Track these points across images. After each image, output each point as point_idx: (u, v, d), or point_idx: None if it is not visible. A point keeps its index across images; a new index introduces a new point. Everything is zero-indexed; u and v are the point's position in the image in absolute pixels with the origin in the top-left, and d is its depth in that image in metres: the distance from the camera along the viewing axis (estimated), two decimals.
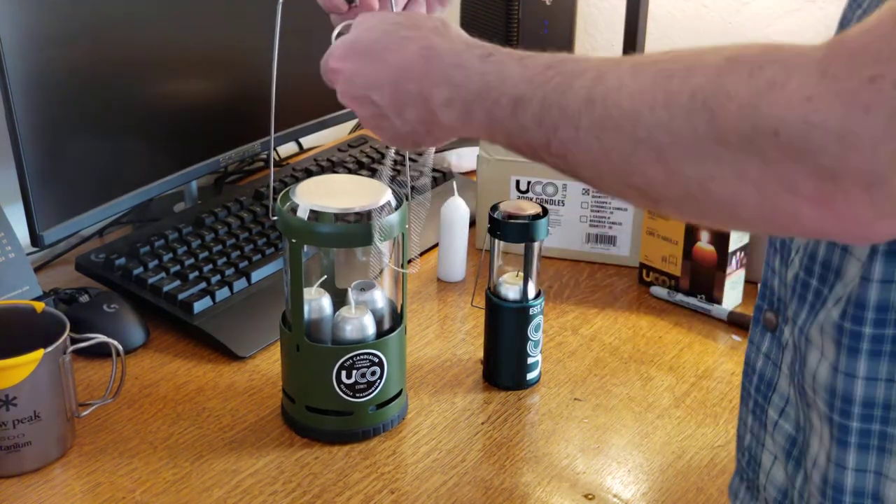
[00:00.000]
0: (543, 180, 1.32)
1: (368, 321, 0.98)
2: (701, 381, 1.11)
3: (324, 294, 0.99)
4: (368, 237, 0.94)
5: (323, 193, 0.97)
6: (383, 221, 0.94)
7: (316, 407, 0.99)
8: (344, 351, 0.96)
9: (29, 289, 1.13)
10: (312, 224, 0.94)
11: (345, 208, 0.94)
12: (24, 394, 0.92)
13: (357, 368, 0.97)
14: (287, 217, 0.94)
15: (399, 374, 1.01)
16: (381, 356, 0.97)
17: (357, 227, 0.94)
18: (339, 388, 0.97)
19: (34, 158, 1.11)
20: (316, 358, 0.97)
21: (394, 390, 1.01)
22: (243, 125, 1.37)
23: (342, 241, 0.97)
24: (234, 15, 1.32)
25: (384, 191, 0.97)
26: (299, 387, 1.00)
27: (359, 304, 0.99)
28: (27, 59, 1.09)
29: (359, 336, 0.97)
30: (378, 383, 0.98)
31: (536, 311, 1.06)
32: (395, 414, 1.01)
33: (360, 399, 0.98)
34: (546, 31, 1.76)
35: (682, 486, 0.96)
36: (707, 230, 1.21)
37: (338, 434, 0.99)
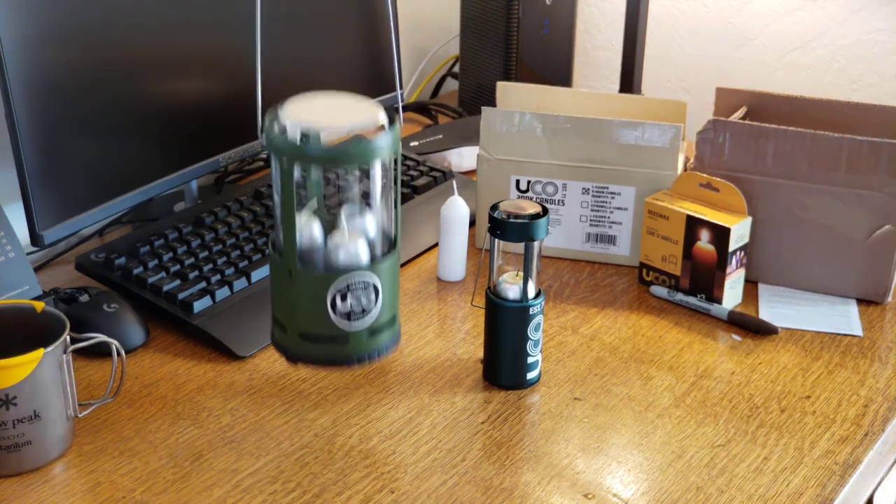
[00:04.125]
0: (543, 180, 1.32)
1: (362, 246, 0.95)
2: (701, 380, 1.11)
3: (314, 220, 0.96)
4: (362, 157, 0.91)
5: (313, 112, 0.93)
6: (377, 142, 0.90)
7: (310, 334, 0.96)
8: (338, 276, 0.93)
9: (29, 288, 1.13)
10: (303, 143, 0.90)
11: (337, 126, 0.91)
12: (24, 393, 0.92)
13: (352, 294, 0.94)
14: (276, 137, 0.91)
15: (393, 300, 0.98)
16: (375, 281, 0.94)
17: (350, 146, 0.90)
18: (333, 315, 0.94)
19: (34, 158, 1.11)
20: (309, 284, 0.93)
21: (388, 315, 0.97)
22: (243, 125, 1.37)
23: (335, 161, 0.93)
24: (235, 15, 1.32)
25: (377, 110, 0.94)
26: (292, 315, 0.96)
27: (353, 229, 0.96)
28: (27, 59, 1.09)
29: (352, 261, 0.94)
30: (373, 309, 0.95)
31: (536, 311, 1.06)
32: (389, 340, 0.98)
33: (354, 325, 0.95)
34: (546, 31, 1.76)
35: (681, 486, 0.96)
36: (707, 230, 1.21)
37: (332, 361, 0.97)
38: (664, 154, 1.28)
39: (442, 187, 1.48)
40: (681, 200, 1.26)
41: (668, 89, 1.88)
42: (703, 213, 1.22)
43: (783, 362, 1.14)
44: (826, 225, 1.23)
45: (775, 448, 1.01)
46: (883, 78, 1.67)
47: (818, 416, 1.06)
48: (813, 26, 1.71)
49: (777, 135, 1.23)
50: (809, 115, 1.31)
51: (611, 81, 1.92)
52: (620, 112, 1.36)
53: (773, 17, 1.75)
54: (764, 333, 1.19)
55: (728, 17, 1.79)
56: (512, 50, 1.73)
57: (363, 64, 1.55)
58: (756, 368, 1.13)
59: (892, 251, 1.22)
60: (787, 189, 1.24)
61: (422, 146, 1.60)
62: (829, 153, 1.21)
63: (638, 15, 1.67)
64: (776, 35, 1.75)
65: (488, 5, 1.74)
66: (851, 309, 1.24)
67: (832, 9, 1.69)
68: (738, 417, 1.05)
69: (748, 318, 1.20)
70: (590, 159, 1.30)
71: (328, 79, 1.49)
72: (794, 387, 1.10)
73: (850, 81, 1.70)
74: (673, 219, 1.24)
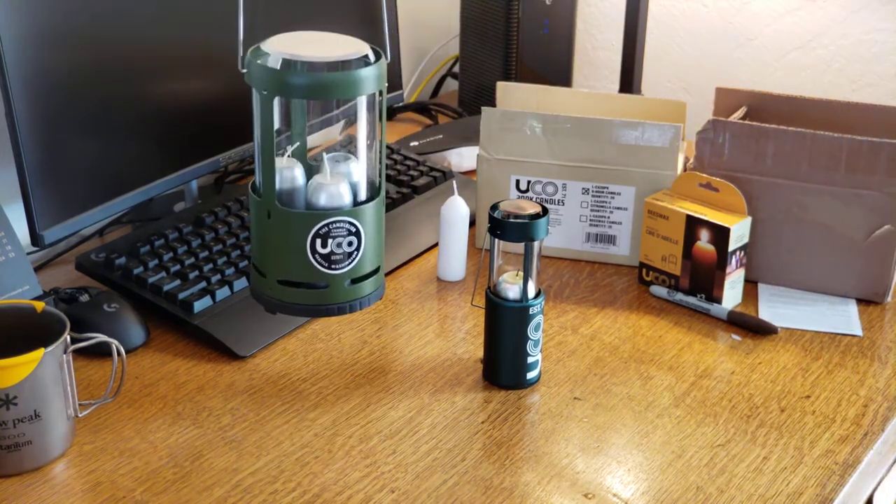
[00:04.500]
0: (543, 180, 1.32)
1: (345, 189, 0.92)
2: (701, 380, 1.11)
3: (296, 163, 0.94)
4: (345, 88, 0.88)
5: (296, 44, 0.91)
6: (361, 73, 0.88)
7: (288, 280, 0.93)
8: (319, 217, 0.90)
9: (29, 288, 1.13)
10: (284, 73, 0.87)
11: (319, 56, 0.88)
12: (24, 393, 0.92)
13: (333, 237, 0.91)
14: (256, 67, 0.88)
15: (377, 249, 0.95)
16: (357, 225, 0.91)
17: (333, 77, 0.88)
18: (313, 259, 0.91)
19: (34, 158, 1.11)
20: (288, 225, 0.91)
21: (371, 265, 0.95)
22: (243, 125, 1.37)
23: (316, 92, 0.89)
24: (235, 14, 1.32)
25: (362, 44, 0.92)
26: (270, 258, 0.94)
27: (335, 174, 0.94)
28: (27, 58, 1.09)
29: (335, 203, 0.91)
30: (355, 255, 0.92)
31: (536, 311, 1.07)
32: (371, 290, 0.96)
33: (335, 271, 0.92)
34: (546, 31, 1.76)
35: (681, 486, 0.96)
36: (707, 230, 1.21)
37: (312, 309, 0.95)
38: (664, 154, 1.28)
39: (442, 187, 1.48)
40: (681, 200, 1.26)
41: (667, 89, 1.88)
42: (703, 213, 1.22)
43: (783, 362, 1.14)
44: (826, 225, 1.23)
45: (775, 448, 1.01)
46: (883, 78, 1.67)
47: (818, 415, 1.06)
48: (813, 26, 1.71)
49: (777, 135, 1.23)
50: (809, 115, 1.31)
51: (611, 81, 1.92)
52: (620, 112, 1.36)
53: (773, 17, 1.75)
54: (764, 333, 1.19)
55: (728, 17, 1.79)
56: (512, 50, 1.73)
57: None
58: (756, 368, 1.13)
59: (891, 251, 1.22)
60: (787, 189, 1.24)
61: (422, 146, 1.60)
62: (828, 153, 1.21)
63: (638, 15, 1.67)
64: (776, 35, 1.75)
65: (488, 5, 1.74)
66: (851, 309, 1.24)
67: (832, 9, 1.69)
68: (737, 417, 1.05)
69: (748, 317, 1.20)
70: (590, 159, 1.30)
71: None
72: (794, 386, 1.10)
73: (850, 81, 1.70)
74: (673, 219, 1.24)
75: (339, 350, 1.15)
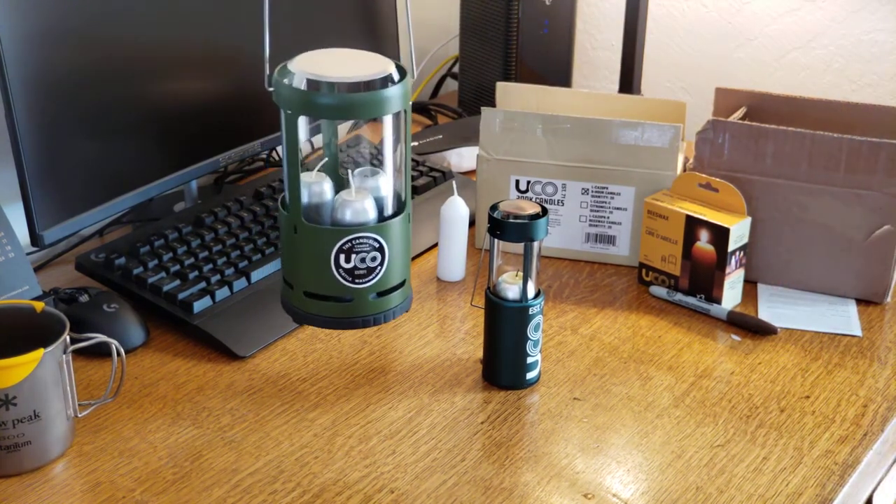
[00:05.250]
0: (543, 180, 1.32)
1: (370, 205, 0.94)
2: (700, 380, 1.11)
3: (324, 178, 0.95)
4: (370, 108, 0.90)
5: (322, 64, 0.92)
6: (385, 93, 0.90)
7: (314, 292, 0.95)
8: (343, 233, 0.92)
9: (29, 288, 1.13)
10: (309, 93, 0.89)
11: (344, 77, 0.90)
12: (23, 393, 0.92)
13: (357, 252, 0.93)
14: (282, 86, 0.90)
15: (402, 263, 0.97)
16: (381, 241, 0.93)
17: (357, 98, 0.89)
18: (337, 273, 0.93)
19: (34, 158, 1.11)
20: (314, 240, 0.93)
21: (396, 279, 0.97)
22: (243, 125, 1.37)
23: (341, 112, 0.91)
24: (235, 14, 1.32)
25: (387, 63, 0.93)
26: (298, 271, 0.96)
27: (362, 188, 0.95)
28: (27, 59, 1.09)
29: (359, 220, 0.93)
30: (379, 270, 0.94)
31: (536, 311, 1.07)
32: (397, 304, 0.98)
33: (359, 285, 0.94)
34: (546, 31, 1.76)
35: (681, 486, 0.96)
36: (707, 230, 1.21)
37: (337, 321, 0.96)
38: (664, 154, 1.28)
39: (442, 187, 1.48)
40: (680, 200, 1.26)
41: (667, 89, 1.88)
42: (703, 214, 1.22)
43: (782, 362, 1.14)
44: (825, 225, 1.23)
45: (774, 448, 1.01)
46: (883, 78, 1.67)
47: (817, 416, 1.06)
48: (813, 26, 1.71)
49: (776, 135, 1.23)
50: (809, 115, 1.31)
51: (610, 81, 1.92)
52: (620, 112, 1.36)
53: (773, 17, 1.75)
54: (763, 333, 1.19)
55: (728, 17, 1.79)
56: (512, 50, 1.73)
57: None
58: (755, 368, 1.13)
59: (891, 251, 1.22)
60: (787, 189, 1.24)
61: (422, 146, 1.60)
62: (828, 153, 1.21)
63: (638, 15, 1.67)
64: (776, 35, 1.75)
65: (488, 5, 1.74)
66: (851, 309, 1.24)
67: (832, 9, 1.69)
68: (737, 417, 1.05)
69: (747, 318, 1.20)
70: (589, 159, 1.30)
71: None
72: (794, 387, 1.10)
73: (850, 81, 1.70)
74: (672, 219, 1.24)
75: (338, 350, 1.15)
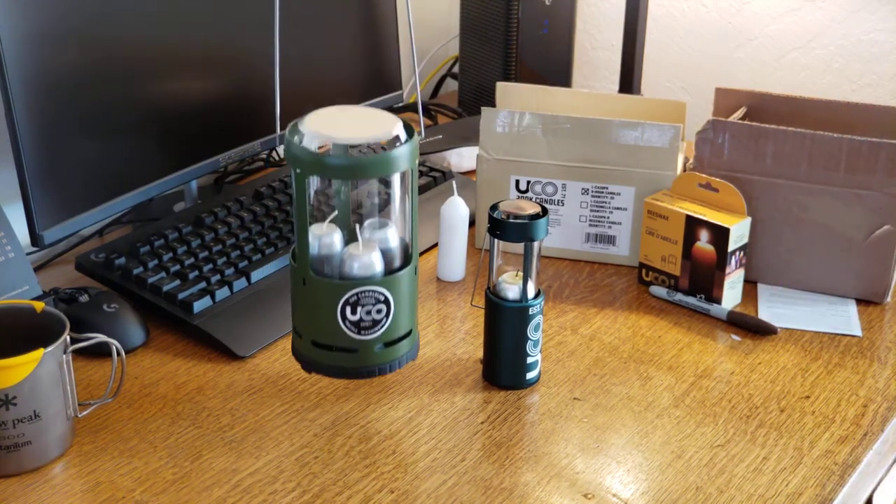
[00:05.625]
0: (543, 180, 1.32)
1: (376, 258, 0.96)
2: (700, 380, 1.11)
3: (334, 230, 0.97)
4: (377, 168, 0.92)
5: (332, 124, 0.94)
6: (393, 154, 0.92)
7: (321, 342, 0.97)
8: (348, 287, 0.94)
9: (29, 288, 1.13)
10: (319, 154, 0.92)
11: (352, 139, 0.92)
12: (23, 393, 0.92)
13: (362, 305, 0.95)
14: (293, 146, 0.92)
15: (409, 314, 0.98)
16: (387, 294, 0.95)
17: (364, 160, 0.92)
18: (343, 325, 0.95)
19: (34, 158, 1.11)
20: (321, 292, 0.95)
21: (402, 330, 0.98)
22: (243, 125, 1.37)
23: (349, 173, 0.94)
24: (235, 15, 1.32)
25: (395, 122, 0.95)
26: (305, 321, 0.98)
27: (370, 241, 0.97)
28: (27, 59, 1.09)
29: (366, 273, 0.95)
30: (384, 321, 0.96)
31: (536, 311, 1.07)
32: (403, 353, 0.99)
33: (365, 336, 0.96)
34: (546, 31, 1.76)
35: (681, 486, 0.96)
36: (707, 230, 1.21)
37: (343, 371, 0.98)
38: (664, 154, 1.28)
39: (442, 187, 1.48)
40: (680, 200, 1.26)
41: (667, 89, 1.88)
42: (703, 214, 1.22)
43: (782, 362, 1.14)
44: (825, 225, 1.23)
45: (774, 448, 1.01)
46: (883, 78, 1.67)
47: (817, 416, 1.06)
48: (813, 26, 1.71)
49: (776, 135, 1.23)
50: (809, 115, 1.31)
51: (610, 81, 1.92)
52: (620, 112, 1.36)
53: (773, 17, 1.75)
54: (763, 333, 1.19)
55: (728, 18, 1.79)
56: (511, 50, 1.73)
57: (366, 64, 1.55)
58: (755, 368, 1.13)
59: (891, 251, 1.22)
60: (787, 189, 1.24)
61: (421, 146, 1.60)
62: (828, 153, 1.21)
63: (638, 15, 1.67)
64: (776, 35, 1.75)
65: (488, 5, 1.74)
66: (851, 309, 1.24)
67: (832, 9, 1.69)
68: (737, 417, 1.05)
69: (747, 318, 1.20)
70: (589, 159, 1.30)
71: (332, 78, 1.50)
72: (794, 387, 1.10)
73: (850, 81, 1.70)
74: (672, 219, 1.24)
75: None
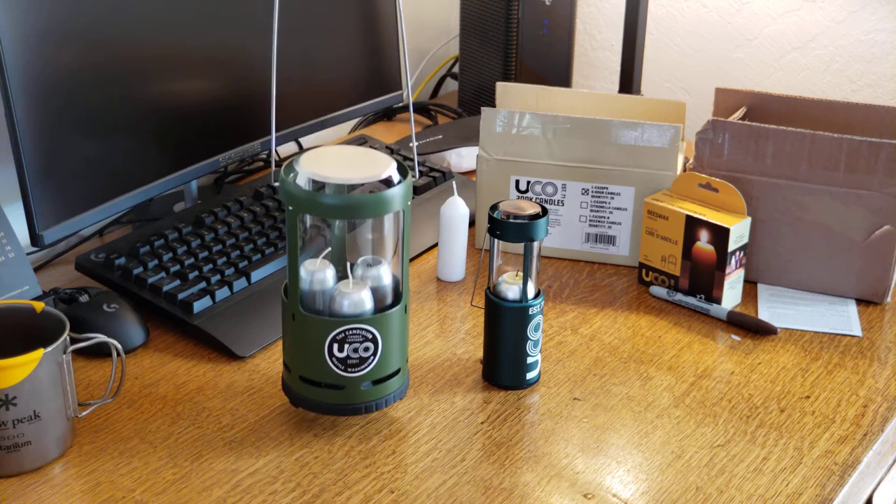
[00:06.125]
0: (543, 180, 1.32)
1: (366, 296, 0.96)
2: (700, 380, 1.11)
3: (327, 266, 0.98)
4: (369, 209, 0.93)
5: (326, 163, 0.95)
6: (383, 195, 0.93)
7: (309, 378, 0.98)
8: (336, 324, 0.95)
9: (29, 288, 1.13)
10: (310, 193, 0.93)
11: (344, 179, 0.93)
12: (23, 393, 0.92)
13: (349, 343, 0.96)
14: (286, 184, 0.94)
15: (398, 352, 0.99)
16: (374, 332, 0.96)
17: (355, 199, 0.93)
18: (330, 361, 0.96)
19: (34, 158, 1.11)
20: (309, 329, 0.96)
21: (390, 368, 0.99)
22: (243, 125, 1.37)
23: (339, 213, 0.95)
24: (234, 15, 1.32)
25: (389, 163, 0.96)
26: (294, 356, 0.99)
27: (362, 279, 0.98)
28: (27, 59, 1.09)
29: (355, 311, 0.96)
30: (371, 360, 0.97)
31: (536, 311, 1.07)
32: (391, 392, 1.00)
33: (351, 374, 0.97)
34: (546, 31, 1.76)
35: (681, 486, 0.96)
36: (706, 230, 1.21)
37: (330, 407, 0.98)
38: (664, 154, 1.28)
39: (442, 187, 1.48)
40: (680, 201, 1.26)
41: (667, 89, 1.88)
42: (703, 214, 1.22)
43: (782, 362, 1.14)
44: (825, 225, 1.23)
45: (774, 448, 1.01)
46: (882, 78, 1.67)
47: (817, 416, 1.06)
48: (812, 26, 1.71)
49: (776, 135, 1.23)
50: (809, 115, 1.31)
51: (610, 82, 1.92)
52: (620, 112, 1.36)
53: (773, 17, 1.75)
54: (763, 333, 1.19)
55: (728, 18, 1.79)
56: (511, 50, 1.73)
57: (365, 64, 1.55)
58: (755, 368, 1.13)
59: (890, 251, 1.22)
60: (787, 189, 1.24)
61: (421, 146, 1.60)
62: (828, 153, 1.21)
63: (637, 15, 1.67)
64: (775, 35, 1.75)
65: (488, 5, 1.74)
66: (850, 309, 1.24)
67: (832, 9, 1.69)
68: (737, 417, 1.05)
69: (747, 318, 1.20)
70: (589, 159, 1.30)
71: (332, 78, 1.49)
72: (794, 387, 1.10)
73: (850, 81, 1.70)
74: (672, 219, 1.24)
75: None
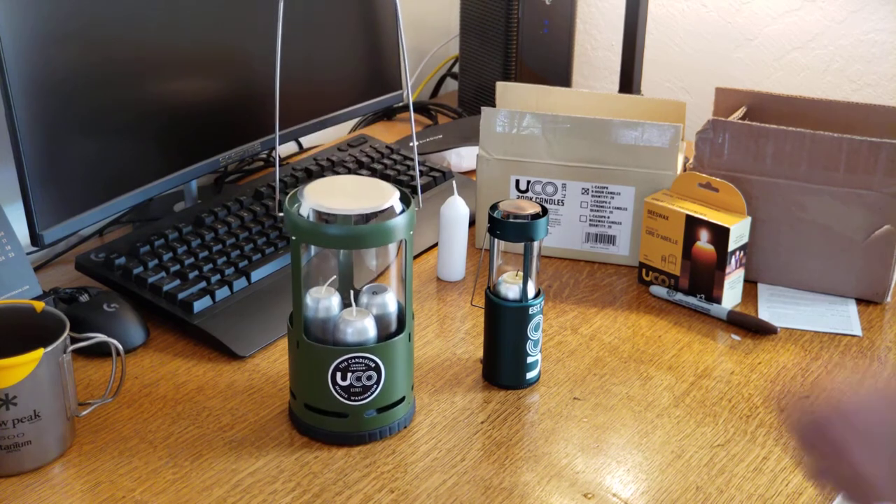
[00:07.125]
0: (543, 180, 1.32)
1: (370, 324, 0.97)
2: (700, 380, 1.11)
3: (333, 294, 0.99)
4: (372, 239, 0.94)
5: (329, 194, 0.96)
6: (386, 225, 0.94)
7: (314, 406, 0.99)
8: (339, 353, 0.96)
9: (29, 288, 1.13)
10: (314, 224, 0.94)
11: (347, 209, 0.94)
12: (23, 393, 0.92)
13: (352, 371, 0.96)
14: (291, 215, 0.95)
15: (402, 380, 1.00)
16: (377, 361, 0.97)
17: (358, 230, 0.94)
18: (334, 390, 0.97)
19: (34, 158, 1.11)
20: (312, 357, 0.97)
21: (395, 396, 1.00)
22: (243, 125, 1.37)
23: (342, 243, 0.96)
24: (235, 15, 1.32)
25: (391, 194, 0.97)
26: (299, 384, 1.00)
27: (367, 307, 0.99)
28: (27, 59, 1.09)
29: (359, 339, 0.97)
30: (374, 388, 0.98)
31: (536, 311, 1.07)
32: (395, 420, 1.01)
33: (355, 402, 0.98)
34: (546, 31, 1.76)
35: (681, 486, 0.96)
36: (707, 230, 1.21)
37: (334, 435, 0.99)
38: (664, 154, 1.28)
39: (442, 187, 1.48)
40: (680, 200, 1.26)
41: (667, 89, 1.88)
42: (703, 213, 1.22)
43: (782, 362, 1.14)
44: (825, 225, 1.23)
45: (774, 448, 1.01)
46: (882, 78, 1.67)
47: None
48: (812, 26, 1.71)
49: (776, 135, 1.23)
50: (809, 115, 1.31)
51: (610, 82, 1.92)
52: (620, 112, 1.36)
53: (773, 17, 1.75)
54: (763, 333, 1.19)
55: (728, 18, 1.79)
56: (511, 50, 1.73)
57: (365, 64, 1.55)
58: (755, 368, 1.13)
59: (891, 251, 1.22)
60: (787, 189, 1.24)
61: (421, 146, 1.60)
62: (828, 153, 1.21)
63: (637, 15, 1.67)
64: (775, 35, 1.75)
65: (488, 5, 1.74)
66: (850, 309, 1.24)
67: (832, 9, 1.69)
68: (737, 417, 1.05)
69: (747, 317, 1.20)
70: (589, 159, 1.30)
71: (332, 78, 1.49)
72: (794, 387, 1.10)
73: (850, 81, 1.70)
74: (672, 219, 1.24)
75: None
